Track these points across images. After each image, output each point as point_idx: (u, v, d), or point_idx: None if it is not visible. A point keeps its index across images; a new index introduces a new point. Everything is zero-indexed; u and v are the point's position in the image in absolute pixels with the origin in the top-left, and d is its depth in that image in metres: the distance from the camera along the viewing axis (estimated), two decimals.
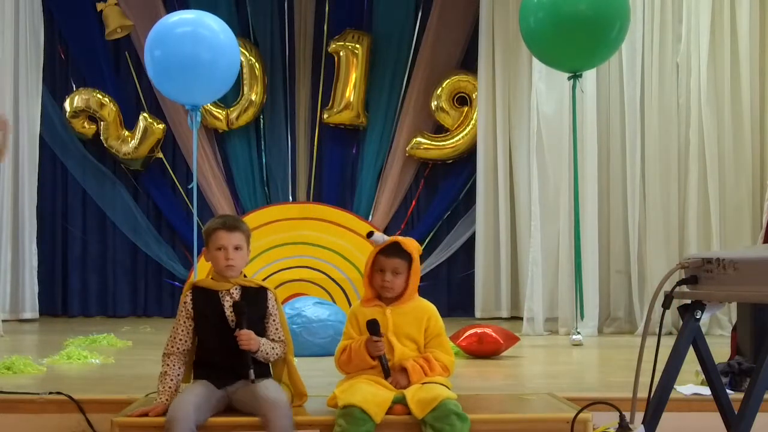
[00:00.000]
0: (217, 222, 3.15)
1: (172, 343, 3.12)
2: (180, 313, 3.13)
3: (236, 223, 3.15)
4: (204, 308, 3.09)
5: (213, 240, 3.10)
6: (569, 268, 6.40)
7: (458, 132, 8.17)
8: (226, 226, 3.11)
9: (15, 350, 5.18)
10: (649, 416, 2.44)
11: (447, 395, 2.93)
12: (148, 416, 2.97)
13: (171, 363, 3.09)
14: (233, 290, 3.09)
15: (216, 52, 6.09)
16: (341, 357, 3.10)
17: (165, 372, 3.09)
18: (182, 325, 3.12)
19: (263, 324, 3.11)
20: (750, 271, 2.25)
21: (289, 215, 7.76)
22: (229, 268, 3.08)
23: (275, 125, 8.37)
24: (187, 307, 3.11)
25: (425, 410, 2.90)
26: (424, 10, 8.32)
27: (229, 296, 3.08)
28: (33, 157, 7.74)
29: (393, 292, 3.10)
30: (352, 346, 3.07)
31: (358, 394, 2.91)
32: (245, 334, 2.99)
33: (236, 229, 3.11)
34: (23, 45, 7.64)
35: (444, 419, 2.87)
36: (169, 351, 3.11)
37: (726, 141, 6.53)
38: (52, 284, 8.17)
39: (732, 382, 3.69)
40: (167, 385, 3.06)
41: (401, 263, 3.09)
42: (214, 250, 3.10)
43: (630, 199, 6.60)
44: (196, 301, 3.11)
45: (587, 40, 5.77)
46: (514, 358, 5.10)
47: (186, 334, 3.11)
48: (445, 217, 8.31)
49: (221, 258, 3.08)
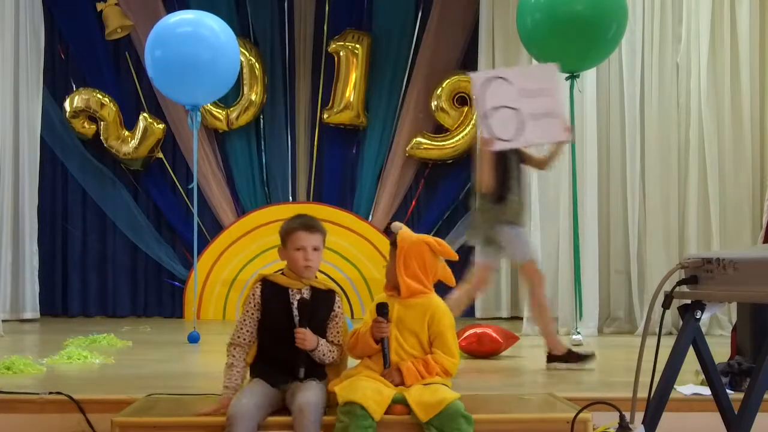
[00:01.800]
0: (297, 222, 3.16)
1: (239, 333, 3.11)
2: (248, 304, 3.13)
3: (315, 224, 3.16)
4: (272, 303, 3.11)
5: (292, 240, 3.11)
6: (569, 268, 6.40)
7: (458, 132, 8.17)
8: (306, 227, 3.13)
9: (15, 350, 5.18)
10: (649, 416, 2.44)
11: (453, 397, 2.92)
12: (219, 412, 2.95)
13: (237, 355, 3.08)
14: (304, 290, 3.12)
15: (216, 52, 6.10)
16: (350, 340, 3.12)
17: (231, 364, 3.08)
18: (250, 316, 3.12)
19: (325, 325, 3.13)
20: (750, 271, 2.25)
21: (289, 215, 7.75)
22: (308, 269, 3.11)
23: (275, 125, 8.37)
24: (256, 299, 3.12)
25: (430, 413, 2.88)
26: (424, 10, 8.33)
27: (299, 294, 3.10)
28: (33, 158, 7.75)
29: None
30: (361, 329, 3.09)
31: (359, 391, 2.91)
32: (303, 333, 3.01)
33: (316, 230, 3.14)
34: (23, 45, 7.64)
35: (452, 422, 2.86)
36: (236, 341, 3.11)
37: (726, 141, 6.54)
38: (52, 284, 8.17)
39: (732, 382, 3.69)
40: (234, 378, 3.05)
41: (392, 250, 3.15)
42: (292, 250, 3.11)
43: (630, 199, 6.60)
44: (265, 295, 3.12)
45: (584, 40, 5.78)
46: (514, 358, 5.10)
47: (253, 325, 3.11)
48: (445, 217, 8.31)
49: (300, 258, 3.09)
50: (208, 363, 5.13)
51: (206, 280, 7.97)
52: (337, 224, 7.63)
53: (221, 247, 8.07)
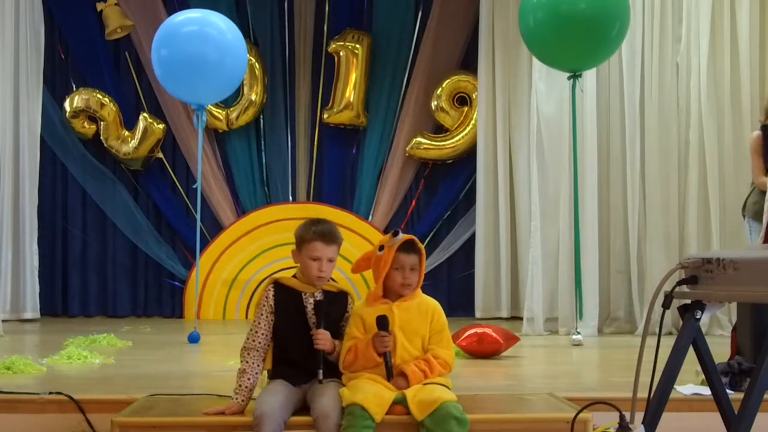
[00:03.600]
0: (315, 232, 3.12)
1: (253, 337, 3.11)
2: (261, 307, 3.12)
3: (333, 236, 3.16)
4: (285, 306, 3.11)
5: (308, 249, 3.10)
6: (569, 268, 6.40)
7: (458, 132, 8.17)
8: (324, 238, 3.11)
9: (15, 350, 5.17)
10: (649, 416, 2.44)
11: (447, 398, 2.92)
12: (225, 415, 2.98)
13: (251, 360, 3.08)
14: (317, 293, 3.12)
15: (223, 51, 6.07)
16: (347, 357, 3.08)
17: (244, 370, 3.08)
18: (264, 319, 3.11)
19: (339, 327, 3.14)
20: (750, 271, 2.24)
21: (289, 215, 7.78)
22: (320, 279, 3.11)
23: (275, 125, 8.37)
24: (269, 302, 3.12)
25: (425, 412, 2.89)
26: (424, 10, 8.33)
27: (312, 298, 3.11)
28: (34, 158, 7.73)
29: (412, 288, 3.12)
30: (358, 345, 3.06)
31: (360, 393, 2.92)
32: (322, 334, 3.01)
33: (333, 242, 3.14)
34: (23, 45, 7.63)
35: (443, 423, 2.86)
36: (250, 346, 3.10)
37: (726, 141, 6.54)
38: (52, 284, 8.16)
39: (732, 382, 3.69)
40: (245, 384, 3.06)
41: (416, 259, 3.12)
42: (307, 258, 3.10)
43: (630, 199, 6.60)
44: (278, 297, 3.12)
45: (587, 40, 5.77)
46: (514, 358, 5.10)
47: (267, 329, 3.11)
48: (445, 217, 8.31)
49: (314, 268, 3.09)
50: (208, 363, 5.13)
51: (206, 280, 7.97)
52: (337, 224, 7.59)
53: (221, 247, 8.06)
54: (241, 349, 3.13)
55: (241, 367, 3.09)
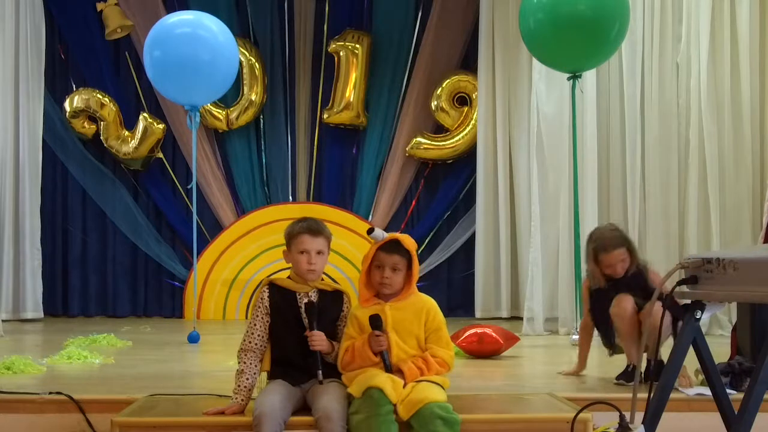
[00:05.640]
0: (302, 226, 3.17)
1: (250, 339, 3.12)
2: (257, 309, 3.14)
3: (320, 228, 3.18)
4: (280, 306, 3.12)
5: (296, 243, 3.13)
6: (569, 268, 6.40)
7: (458, 132, 8.16)
8: (310, 230, 3.14)
9: (15, 350, 5.18)
10: (649, 416, 2.44)
11: (434, 398, 2.91)
12: (224, 415, 2.99)
13: (248, 361, 3.10)
14: (311, 293, 3.13)
15: (215, 52, 6.10)
16: (344, 358, 3.09)
17: (242, 370, 3.09)
18: (260, 320, 3.13)
19: (336, 326, 3.15)
20: (750, 271, 2.25)
21: (289, 215, 7.77)
22: (311, 272, 3.12)
23: (275, 125, 8.37)
24: (264, 303, 3.14)
25: (410, 412, 2.89)
26: (424, 10, 8.33)
27: (307, 298, 3.11)
28: (35, 158, 7.73)
29: (391, 288, 3.11)
30: (354, 345, 3.07)
31: (376, 377, 2.92)
32: (317, 335, 3.02)
33: (320, 234, 3.15)
34: (24, 46, 7.64)
35: (428, 423, 2.85)
36: (247, 347, 3.12)
37: (726, 141, 6.53)
38: (53, 284, 8.16)
39: (732, 382, 3.69)
40: (243, 384, 3.07)
41: (400, 260, 3.11)
42: (296, 253, 3.13)
43: (630, 199, 6.60)
44: (273, 298, 3.13)
45: (587, 40, 5.77)
46: (514, 358, 5.10)
47: (263, 330, 3.13)
48: (445, 217, 8.30)
49: (303, 262, 3.11)
50: (208, 363, 5.13)
51: (206, 280, 7.97)
52: (337, 224, 7.63)
53: (221, 247, 8.06)
54: (238, 351, 3.14)
55: (239, 368, 3.11)
